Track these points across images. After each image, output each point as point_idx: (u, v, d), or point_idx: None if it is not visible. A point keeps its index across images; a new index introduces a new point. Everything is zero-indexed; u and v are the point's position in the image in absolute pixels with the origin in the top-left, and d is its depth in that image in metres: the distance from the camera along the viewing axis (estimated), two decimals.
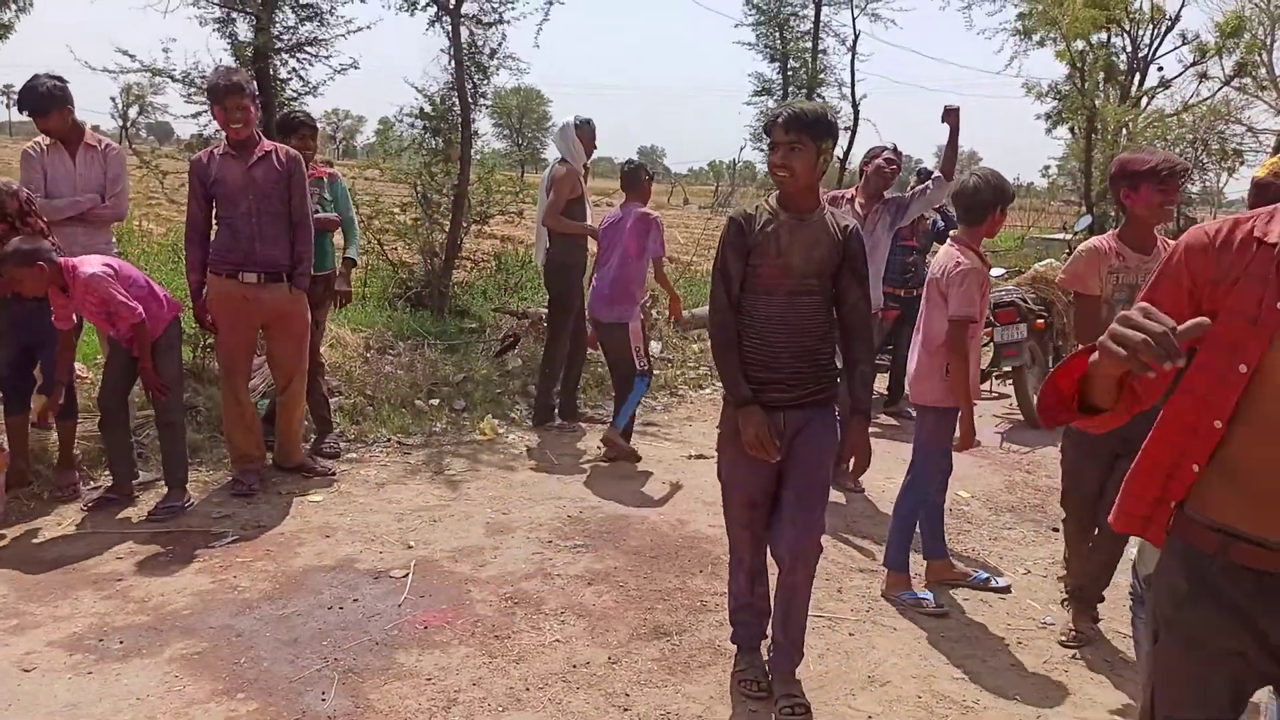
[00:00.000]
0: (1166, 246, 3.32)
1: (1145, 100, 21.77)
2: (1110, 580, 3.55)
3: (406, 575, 3.78)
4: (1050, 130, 23.06)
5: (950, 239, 3.80)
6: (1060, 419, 1.64)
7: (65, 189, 4.58)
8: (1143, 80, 22.02)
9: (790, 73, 13.13)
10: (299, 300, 4.66)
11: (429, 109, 7.85)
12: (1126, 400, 1.58)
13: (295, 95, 6.92)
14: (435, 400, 6.22)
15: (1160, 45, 21.63)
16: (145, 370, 4.20)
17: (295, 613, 3.43)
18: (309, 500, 4.56)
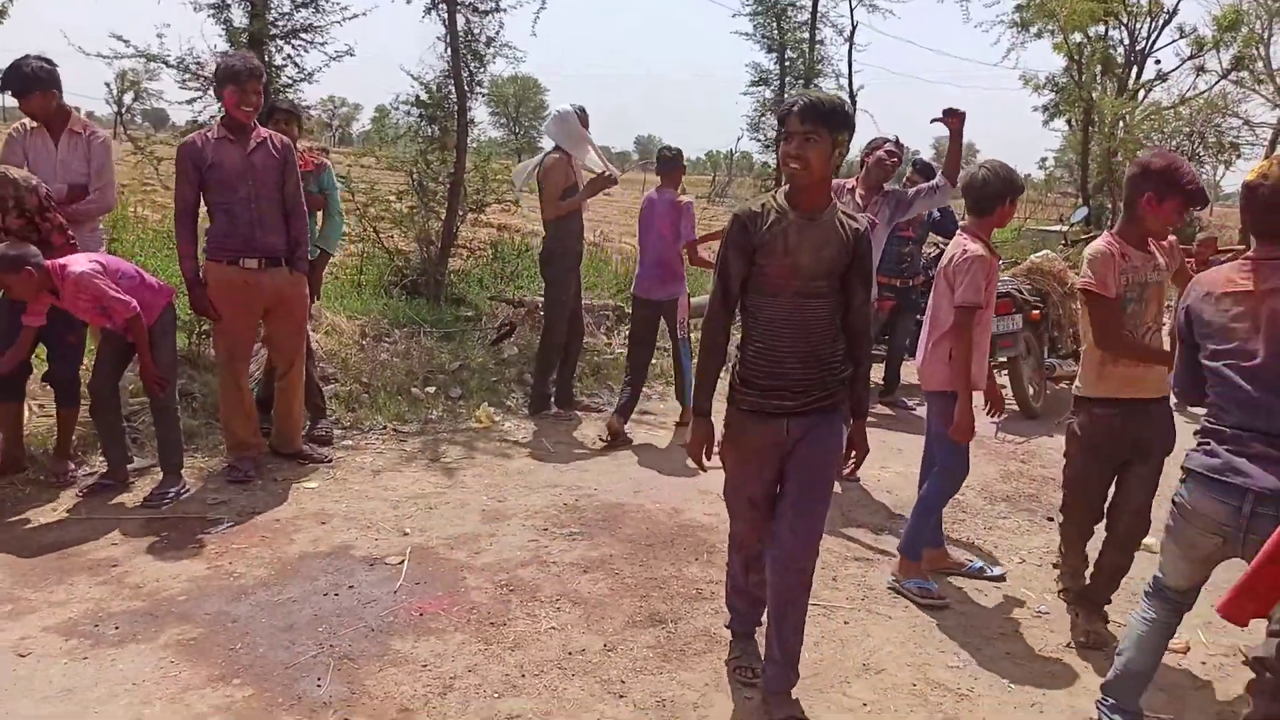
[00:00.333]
0: (1163, 246, 3.32)
1: (1143, 93, 21.81)
2: (1120, 584, 3.51)
3: (402, 562, 3.78)
4: (1048, 122, 23.15)
5: (960, 229, 3.80)
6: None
7: (46, 174, 4.41)
8: (1140, 73, 22.07)
9: (788, 63, 13.13)
10: (300, 283, 4.66)
11: (425, 97, 7.83)
12: None
13: (291, 82, 6.90)
14: (431, 388, 6.22)
15: (1158, 38, 21.70)
16: (146, 366, 4.17)
17: (291, 599, 3.43)
18: (305, 487, 4.56)
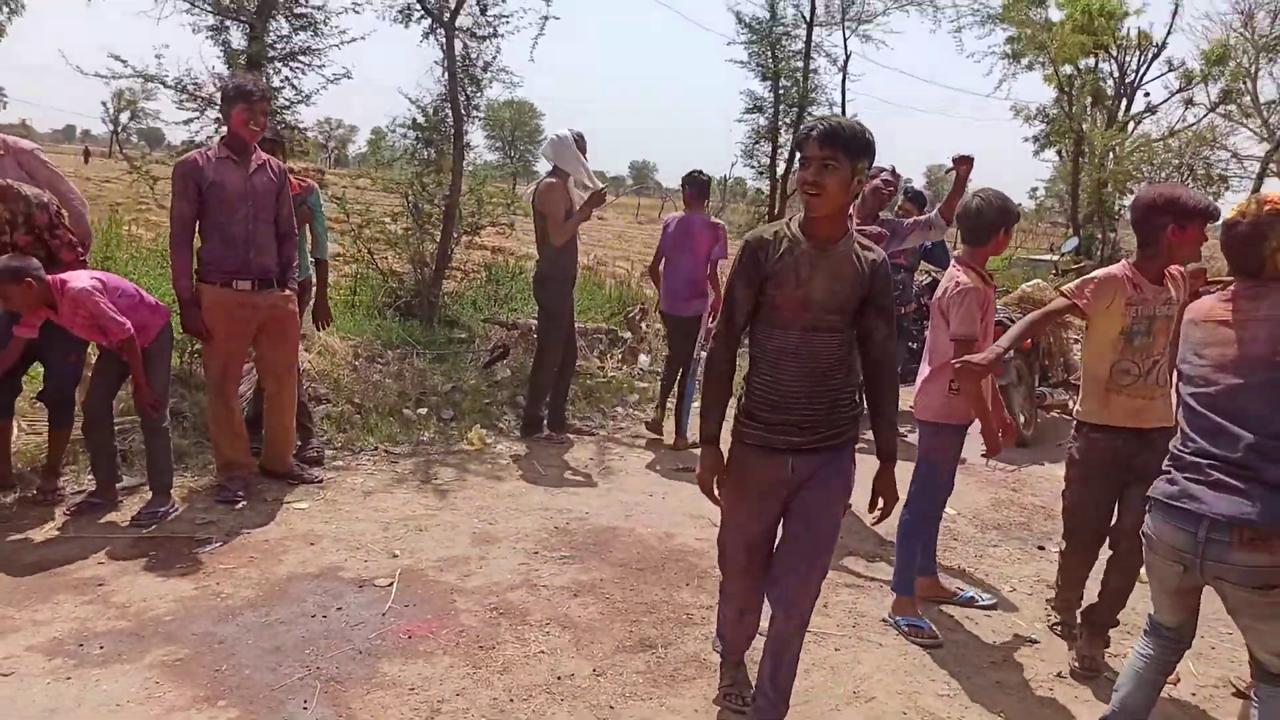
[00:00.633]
0: (1176, 279, 3.34)
1: (1132, 125, 22.08)
2: (1124, 606, 3.48)
3: (391, 584, 3.76)
4: (1038, 153, 23.38)
5: (954, 259, 3.83)
6: None
7: None
8: (1129, 105, 22.38)
9: (782, 91, 13.24)
10: (292, 301, 4.70)
11: (422, 120, 7.89)
12: None
13: (288, 104, 6.94)
14: (423, 409, 6.21)
15: (1147, 71, 22.02)
16: (140, 389, 4.14)
17: (278, 620, 3.40)
18: (294, 508, 4.54)
